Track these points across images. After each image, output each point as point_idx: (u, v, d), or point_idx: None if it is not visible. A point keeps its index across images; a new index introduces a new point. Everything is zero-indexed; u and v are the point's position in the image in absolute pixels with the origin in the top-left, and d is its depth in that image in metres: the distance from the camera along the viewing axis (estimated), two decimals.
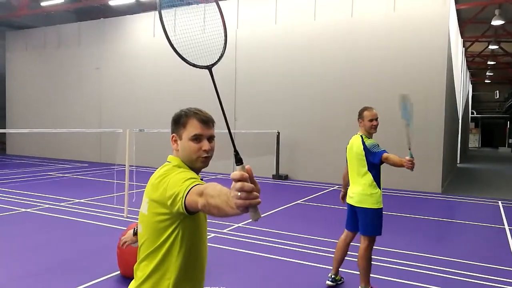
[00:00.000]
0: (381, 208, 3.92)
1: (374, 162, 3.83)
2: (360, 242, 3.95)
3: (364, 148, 3.88)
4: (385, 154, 3.76)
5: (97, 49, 16.74)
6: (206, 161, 1.73)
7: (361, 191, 3.92)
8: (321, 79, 12.33)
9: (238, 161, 1.23)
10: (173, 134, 1.76)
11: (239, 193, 1.13)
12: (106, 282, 4.29)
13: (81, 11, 19.09)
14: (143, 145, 12.44)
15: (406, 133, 3.78)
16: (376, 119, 3.97)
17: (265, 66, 13.15)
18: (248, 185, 1.13)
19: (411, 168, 3.61)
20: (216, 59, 1.49)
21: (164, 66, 14.95)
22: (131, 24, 16.02)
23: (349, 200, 4.08)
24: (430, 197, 10.10)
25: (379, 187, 3.91)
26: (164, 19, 1.49)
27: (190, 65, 1.47)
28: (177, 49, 1.46)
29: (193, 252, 1.67)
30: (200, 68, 1.47)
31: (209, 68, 1.47)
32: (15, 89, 19.27)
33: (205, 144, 1.71)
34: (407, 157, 3.64)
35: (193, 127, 1.71)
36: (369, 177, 3.89)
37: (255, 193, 1.13)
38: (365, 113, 3.98)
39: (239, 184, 1.13)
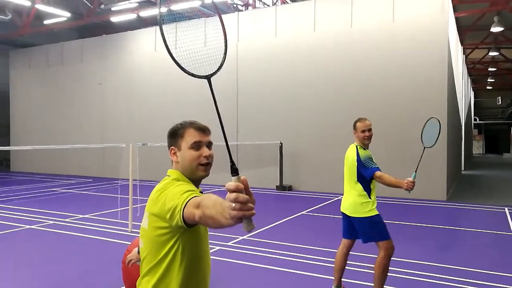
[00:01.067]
0: (376, 214, 3.91)
1: (364, 176, 3.85)
2: (378, 251, 3.93)
3: (357, 159, 3.89)
4: (378, 173, 3.77)
5: (100, 65, 16.90)
6: (207, 168, 1.75)
7: (352, 201, 3.95)
8: (322, 90, 12.37)
9: (234, 171, 1.22)
10: (172, 147, 1.78)
11: (233, 204, 1.13)
12: None
13: (83, 28, 19.34)
14: (146, 159, 12.46)
15: (420, 155, 3.83)
16: (369, 130, 3.97)
17: (266, 78, 13.22)
18: (242, 196, 1.13)
19: (410, 190, 3.65)
20: (215, 69, 1.50)
21: (166, 80, 15.05)
22: (132, 40, 16.19)
23: (343, 210, 4.09)
24: (435, 205, 10.03)
25: (370, 196, 3.91)
26: (165, 33, 1.52)
27: (189, 74, 1.49)
28: (176, 59, 1.48)
29: (194, 266, 1.67)
30: (198, 78, 1.48)
31: (208, 78, 1.48)
32: (18, 106, 19.43)
33: (205, 151, 1.74)
34: (410, 179, 3.67)
35: (191, 136, 1.74)
36: (359, 186, 3.91)
37: (249, 204, 1.14)
38: (358, 124, 4.00)
39: (233, 195, 1.13)
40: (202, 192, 1.74)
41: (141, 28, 16.51)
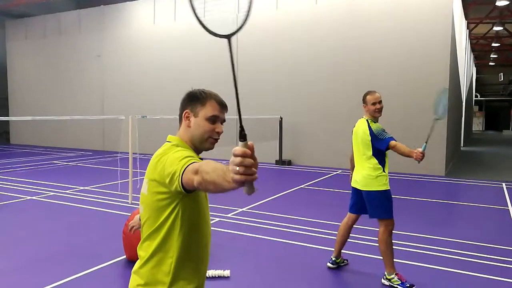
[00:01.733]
0: (388, 190, 3.90)
1: (380, 148, 3.82)
2: (379, 227, 3.95)
3: (370, 133, 3.85)
4: (392, 142, 3.74)
5: (98, 36, 16.65)
6: (215, 142, 1.78)
7: (366, 175, 3.91)
8: (323, 64, 12.23)
9: (242, 137, 1.20)
10: (187, 110, 1.76)
11: (237, 168, 1.12)
12: (112, 266, 4.34)
13: None
14: (146, 132, 12.45)
15: (431, 127, 3.75)
16: (380, 102, 3.93)
17: (267, 52, 13.05)
18: (248, 160, 1.12)
19: (420, 160, 3.64)
20: (236, 29, 1.38)
21: (165, 52, 14.87)
22: (131, 11, 15.89)
23: (354, 184, 4.07)
24: (434, 180, 10.10)
25: (384, 170, 3.91)
26: None
27: (210, 33, 1.39)
28: (199, 16, 1.36)
29: (194, 231, 1.68)
30: (219, 37, 1.36)
31: (228, 37, 1.38)
32: (16, 78, 19.26)
33: (219, 127, 1.76)
34: (420, 149, 3.63)
35: (212, 107, 1.74)
36: (374, 160, 3.88)
37: (253, 168, 1.13)
38: (368, 97, 3.95)
39: (239, 159, 1.12)
40: (202, 159, 1.74)
41: (140, 0, 16.18)
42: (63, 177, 9.96)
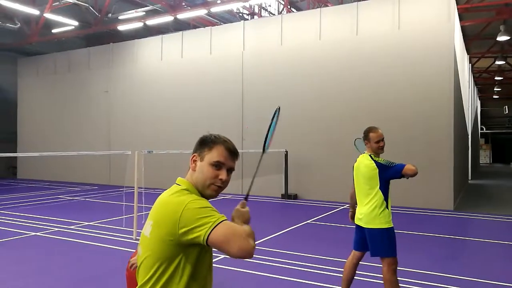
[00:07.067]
0: (391, 227, 3.83)
1: (393, 176, 3.73)
2: (382, 265, 3.85)
3: (377, 165, 3.79)
4: (406, 165, 3.67)
5: (106, 73, 17.03)
6: (218, 190, 1.70)
7: (369, 212, 3.85)
8: (327, 98, 12.36)
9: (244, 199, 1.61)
10: (195, 154, 1.72)
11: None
12: None
13: (90, 36, 19.52)
14: (152, 167, 12.46)
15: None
16: (383, 140, 3.92)
17: (272, 86, 13.23)
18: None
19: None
20: (266, 148, 2.18)
21: (171, 88, 15.13)
22: (139, 48, 16.32)
23: (357, 221, 4.01)
24: (443, 214, 9.93)
25: (387, 207, 3.84)
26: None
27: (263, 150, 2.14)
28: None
29: (197, 280, 1.61)
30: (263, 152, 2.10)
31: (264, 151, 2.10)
32: (26, 113, 19.59)
33: (223, 174, 1.68)
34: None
35: (218, 153, 1.68)
36: (376, 197, 3.82)
37: None
38: (371, 134, 3.93)
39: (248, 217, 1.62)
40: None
41: (148, 37, 16.64)
42: (67, 212, 9.92)
